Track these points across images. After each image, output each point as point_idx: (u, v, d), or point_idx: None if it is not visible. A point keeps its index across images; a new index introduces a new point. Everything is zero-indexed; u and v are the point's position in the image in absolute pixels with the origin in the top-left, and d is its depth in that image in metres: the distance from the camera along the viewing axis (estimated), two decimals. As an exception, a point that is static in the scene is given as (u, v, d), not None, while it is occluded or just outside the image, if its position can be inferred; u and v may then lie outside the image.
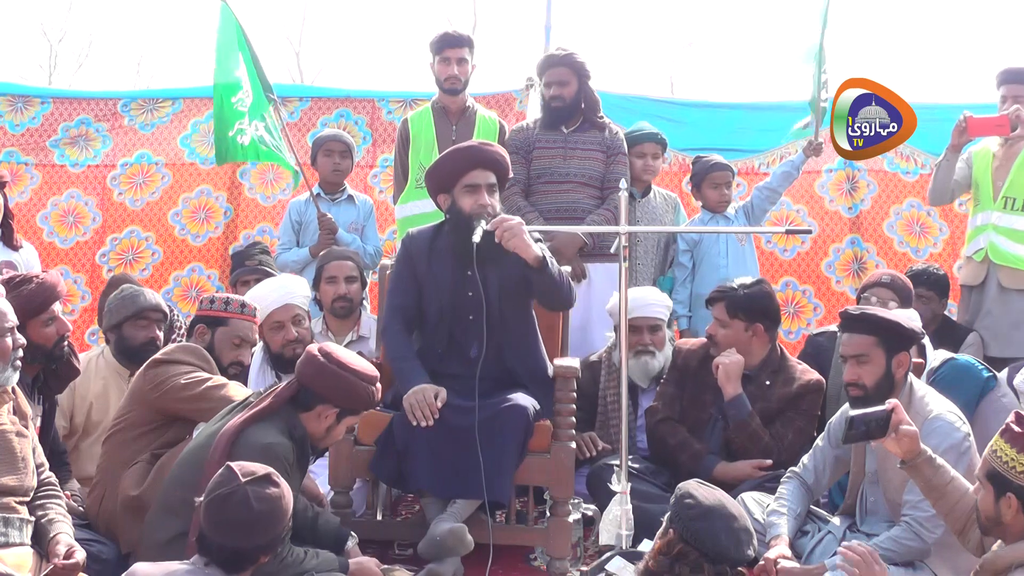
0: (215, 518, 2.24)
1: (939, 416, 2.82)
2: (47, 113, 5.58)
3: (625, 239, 3.16)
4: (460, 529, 2.93)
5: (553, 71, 4.31)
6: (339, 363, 2.70)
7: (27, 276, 2.97)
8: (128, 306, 3.55)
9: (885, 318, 2.91)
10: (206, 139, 5.53)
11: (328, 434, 2.77)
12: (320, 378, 2.69)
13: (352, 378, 2.70)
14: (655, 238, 4.57)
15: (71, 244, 5.46)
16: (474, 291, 3.19)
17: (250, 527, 2.23)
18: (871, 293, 3.86)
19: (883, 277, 3.94)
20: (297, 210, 4.80)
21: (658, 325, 3.88)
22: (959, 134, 4.22)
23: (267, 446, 2.56)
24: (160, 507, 2.70)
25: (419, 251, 3.31)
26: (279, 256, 4.74)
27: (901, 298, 3.80)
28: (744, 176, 5.39)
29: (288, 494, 2.32)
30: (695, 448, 3.46)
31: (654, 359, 3.83)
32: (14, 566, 2.42)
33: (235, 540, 2.24)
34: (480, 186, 3.23)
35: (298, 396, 2.71)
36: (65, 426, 3.44)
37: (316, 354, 2.72)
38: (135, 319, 3.53)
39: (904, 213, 5.40)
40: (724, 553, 2.25)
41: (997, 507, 2.23)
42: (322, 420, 2.73)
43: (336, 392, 2.70)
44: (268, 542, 2.26)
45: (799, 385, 3.50)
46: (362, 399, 2.74)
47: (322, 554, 2.64)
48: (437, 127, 4.51)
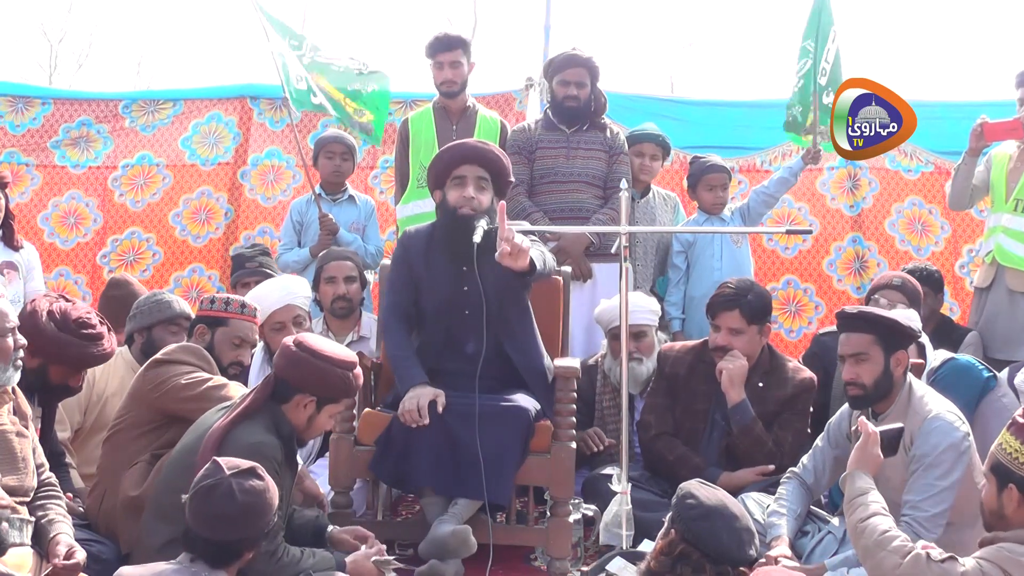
0: (200, 511, 2.26)
1: (938, 416, 2.81)
2: (48, 114, 5.59)
3: (626, 239, 3.15)
4: (464, 531, 2.93)
5: (574, 71, 4.31)
6: (312, 351, 2.70)
7: (97, 333, 2.97)
8: (164, 310, 3.57)
9: (882, 316, 2.90)
10: (206, 140, 5.55)
11: (311, 425, 2.75)
12: (294, 368, 2.69)
13: (325, 365, 2.69)
14: (654, 239, 4.56)
15: (72, 245, 5.47)
16: (471, 287, 3.19)
17: (234, 519, 2.24)
18: (881, 295, 3.83)
19: (894, 280, 3.89)
20: (298, 210, 4.81)
21: (644, 332, 3.82)
22: (976, 139, 4.19)
23: (254, 445, 2.56)
24: (152, 513, 2.71)
25: (416, 249, 3.32)
26: (280, 256, 4.75)
27: (911, 301, 3.77)
28: (745, 173, 5.39)
29: (273, 488, 2.32)
30: (694, 462, 3.39)
31: (641, 365, 3.78)
32: (14, 566, 2.42)
33: (219, 533, 2.25)
34: (466, 178, 3.25)
35: (276, 388, 2.71)
36: (80, 419, 3.45)
37: (289, 344, 2.73)
38: (167, 324, 3.55)
39: (906, 211, 5.40)
40: (726, 553, 2.25)
41: (999, 500, 2.24)
42: (301, 410, 2.72)
43: (311, 380, 2.69)
44: (252, 535, 2.27)
45: (794, 385, 3.48)
46: (338, 386, 2.73)
47: (318, 553, 2.64)
48: (438, 127, 4.51)
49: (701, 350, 3.58)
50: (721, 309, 3.48)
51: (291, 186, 5.49)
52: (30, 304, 2.97)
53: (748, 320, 3.44)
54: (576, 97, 4.30)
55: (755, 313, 3.45)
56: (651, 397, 3.63)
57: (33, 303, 2.97)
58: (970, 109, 4.98)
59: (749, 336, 3.46)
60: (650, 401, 3.63)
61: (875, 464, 2.60)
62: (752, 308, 3.44)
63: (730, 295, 3.47)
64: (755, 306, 3.45)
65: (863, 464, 2.59)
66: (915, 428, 2.82)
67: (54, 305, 2.94)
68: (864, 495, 2.51)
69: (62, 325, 2.89)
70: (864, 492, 2.52)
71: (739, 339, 3.45)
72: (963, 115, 5.02)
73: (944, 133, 5.21)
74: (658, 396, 3.59)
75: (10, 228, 4.17)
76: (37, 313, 2.90)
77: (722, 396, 3.45)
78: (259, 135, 5.56)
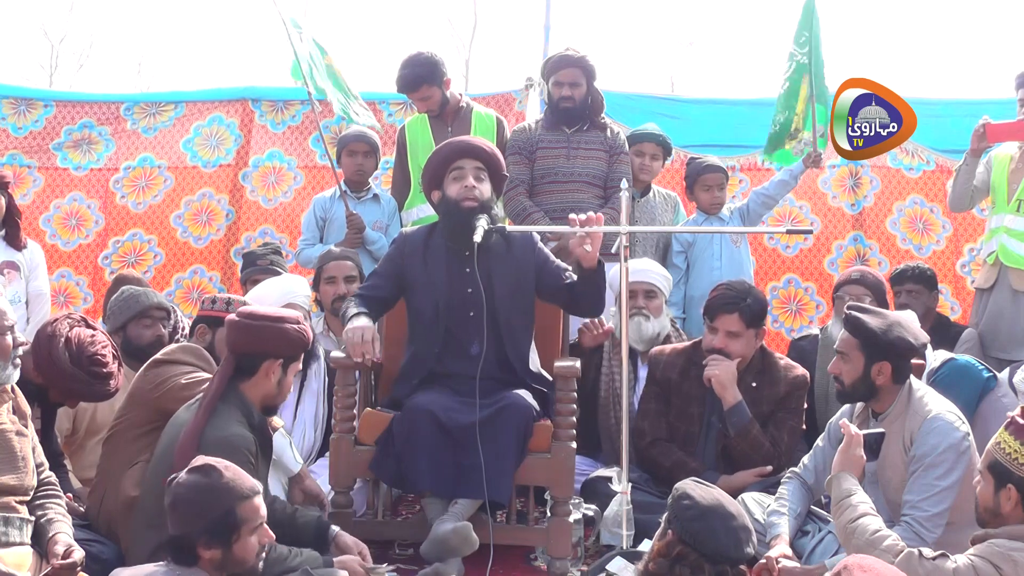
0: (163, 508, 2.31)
1: (938, 416, 2.81)
2: (50, 116, 5.60)
3: (626, 239, 3.15)
4: (464, 527, 2.93)
5: (567, 72, 4.31)
6: (263, 317, 2.77)
7: (107, 373, 2.99)
8: (132, 306, 3.56)
9: (866, 325, 2.87)
10: (208, 142, 5.56)
11: (280, 388, 2.80)
12: (253, 337, 2.73)
13: (281, 325, 2.75)
14: (654, 239, 4.56)
15: (74, 247, 5.48)
16: (474, 288, 3.19)
17: (180, 514, 2.26)
18: (844, 291, 3.86)
19: (852, 274, 3.95)
20: (322, 206, 4.79)
21: (653, 291, 3.87)
22: (978, 139, 4.17)
23: (226, 439, 2.59)
24: (140, 523, 2.72)
25: (413, 250, 3.31)
26: (302, 252, 4.73)
27: (874, 293, 3.79)
28: (746, 172, 5.38)
29: (230, 485, 2.28)
30: (691, 467, 3.36)
31: (648, 321, 3.82)
32: (14, 566, 2.42)
33: (172, 527, 2.28)
34: (465, 170, 3.26)
35: (239, 366, 2.74)
36: (68, 427, 3.45)
37: (237, 319, 2.77)
38: (139, 319, 3.55)
39: (907, 210, 5.39)
40: (724, 553, 2.24)
41: (996, 499, 2.25)
42: (271, 377, 2.76)
43: (272, 344, 2.74)
44: (192, 530, 2.25)
45: (787, 383, 3.47)
46: (298, 341, 2.78)
47: (305, 551, 2.65)
48: (434, 130, 4.51)
49: (692, 353, 3.56)
50: (720, 312, 3.45)
51: (292, 188, 5.50)
52: (51, 325, 2.96)
53: (747, 323, 3.43)
54: (571, 98, 4.30)
55: (754, 316, 3.44)
56: (644, 403, 3.61)
57: (55, 325, 2.96)
58: (971, 107, 4.99)
59: (746, 339, 3.44)
60: (643, 407, 3.60)
61: (859, 465, 2.60)
62: (752, 311, 3.43)
63: (730, 298, 3.44)
64: (754, 309, 3.44)
65: (847, 466, 2.60)
66: (915, 428, 2.82)
67: (73, 331, 2.95)
68: (851, 496, 2.52)
69: (76, 359, 2.91)
70: (851, 493, 2.52)
71: (736, 342, 3.42)
72: (964, 113, 5.04)
73: (945, 131, 5.21)
74: (651, 402, 3.58)
75: (14, 227, 4.18)
76: (56, 338, 2.91)
77: (716, 399, 3.43)
78: (260, 137, 5.57)
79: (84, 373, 2.92)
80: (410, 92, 4.50)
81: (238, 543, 2.27)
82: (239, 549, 2.28)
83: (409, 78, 4.45)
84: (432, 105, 4.50)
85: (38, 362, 2.89)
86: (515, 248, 3.30)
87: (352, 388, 3.20)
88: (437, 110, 4.51)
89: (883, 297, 3.85)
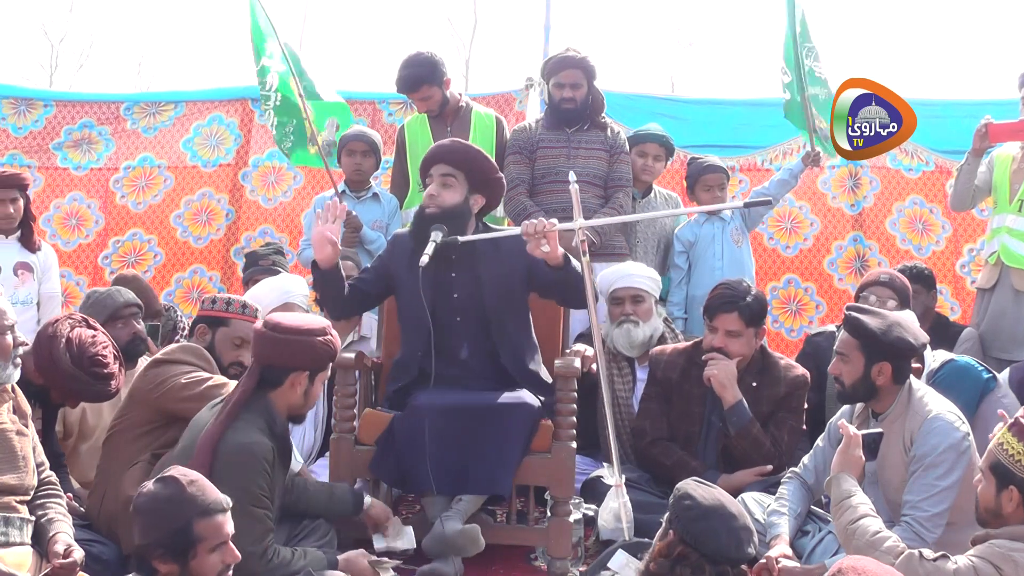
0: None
1: (938, 416, 2.80)
2: (50, 116, 5.61)
3: (582, 234, 3.08)
4: (473, 529, 2.93)
5: (568, 73, 4.30)
6: (290, 329, 2.71)
7: (108, 373, 2.98)
8: (100, 312, 3.55)
9: (867, 326, 2.87)
10: (208, 142, 5.56)
11: (307, 398, 2.77)
12: (280, 350, 2.69)
13: (308, 338, 2.70)
14: (655, 239, 4.56)
15: (74, 247, 5.49)
16: (460, 292, 3.18)
17: (140, 524, 2.20)
18: (870, 292, 3.83)
19: (881, 276, 3.91)
20: (323, 206, 4.77)
21: (640, 295, 3.85)
22: (980, 139, 4.16)
23: (245, 446, 2.56)
24: None
25: (401, 252, 3.31)
26: (303, 251, 4.72)
27: (900, 297, 3.78)
28: (746, 172, 5.39)
29: (190, 500, 2.19)
30: (692, 466, 3.36)
31: (637, 328, 3.80)
32: (14, 565, 2.42)
33: (135, 537, 2.22)
34: (432, 177, 3.27)
35: (264, 377, 2.71)
36: (60, 431, 3.44)
37: (264, 330, 2.72)
38: (111, 321, 3.54)
39: (907, 210, 5.39)
40: (725, 553, 2.24)
41: (998, 500, 2.25)
42: (297, 388, 2.73)
43: (299, 357, 2.70)
44: (156, 542, 2.16)
45: (787, 383, 3.47)
46: (325, 353, 2.75)
47: (310, 552, 2.65)
48: (433, 130, 4.51)
49: (692, 352, 3.55)
50: (719, 311, 3.44)
51: (292, 188, 5.50)
52: (51, 326, 2.96)
53: (746, 322, 3.42)
54: (573, 99, 4.30)
55: (753, 315, 3.44)
56: (645, 402, 3.61)
57: (55, 325, 2.96)
58: (971, 108, 4.99)
59: (746, 338, 3.43)
60: (644, 407, 3.60)
61: (858, 466, 2.60)
62: (751, 311, 3.43)
63: (729, 297, 3.44)
64: (754, 309, 3.44)
65: (846, 466, 2.60)
66: (915, 428, 2.82)
67: (74, 332, 2.94)
68: (851, 497, 2.52)
69: (76, 359, 2.90)
70: (851, 494, 2.52)
71: (736, 341, 3.42)
72: (964, 114, 5.03)
73: (945, 132, 5.21)
74: (651, 401, 3.57)
75: (29, 229, 4.19)
76: (56, 339, 2.91)
77: (716, 398, 3.43)
78: (260, 137, 5.57)
79: (85, 374, 2.92)
80: (410, 92, 4.50)
81: (195, 560, 2.16)
82: (196, 567, 2.16)
83: (409, 78, 4.45)
84: (432, 105, 4.50)
85: (39, 363, 2.89)
86: (504, 248, 3.27)
87: (352, 388, 3.20)
88: (437, 110, 4.51)
89: (908, 303, 3.79)
